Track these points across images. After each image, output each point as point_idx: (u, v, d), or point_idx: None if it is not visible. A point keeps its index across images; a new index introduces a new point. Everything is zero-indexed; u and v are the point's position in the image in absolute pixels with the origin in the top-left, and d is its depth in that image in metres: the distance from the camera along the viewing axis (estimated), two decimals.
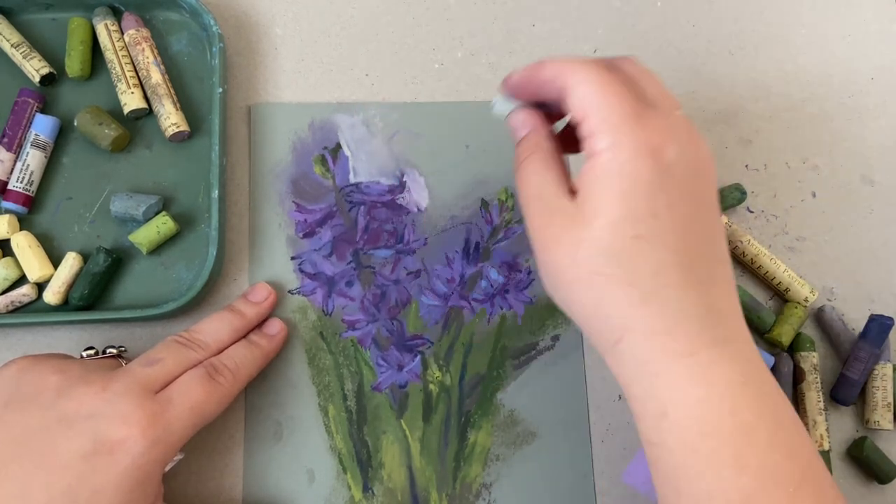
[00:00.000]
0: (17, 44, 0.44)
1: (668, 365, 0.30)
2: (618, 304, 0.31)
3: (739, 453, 0.29)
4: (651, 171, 0.30)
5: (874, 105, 0.50)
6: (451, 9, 0.49)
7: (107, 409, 0.34)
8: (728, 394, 0.30)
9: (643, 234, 0.30)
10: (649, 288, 0.30)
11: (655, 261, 0.30)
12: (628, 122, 0.31)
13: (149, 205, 0.42)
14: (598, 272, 0.31)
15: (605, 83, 0.31)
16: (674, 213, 0.31)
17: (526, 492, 0.42)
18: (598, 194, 0.31)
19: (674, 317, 0.30)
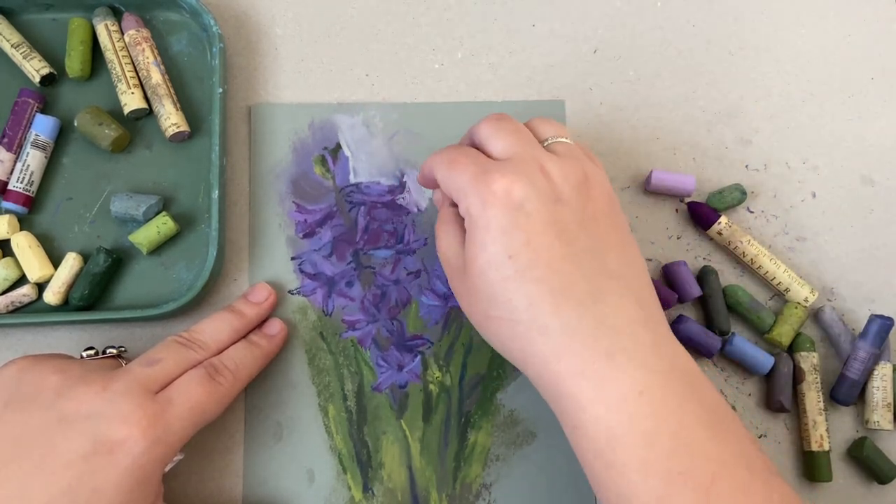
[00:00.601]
0: (17, 44, 0.44)
1: (565, 385, 0.33)
2: (510, 339, 0.34)
3: (643, 460, 0.31)
4: (500, 217, 0.33)
5: (874, 105, 0.50)
6: (452, 9, 0.49)
7: (107, 409, 0.34)
8: (623, 406, 0.32)
9: (508, 275, 0.33)
10: (528, 319, 0.33)
11: (525, 295, 0.33)
12: (472, 184, 0.34)
13: (149, 205, 0.42)
14: (488, 316, 0.34)
15: (451, 162, 0.36)
16: (533, 246, 0.33)
17: (526, 492, 0.42)
18: (469, 251, 0.35)
19: (558, 342, 0.33)
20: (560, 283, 0.33)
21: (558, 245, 0.33)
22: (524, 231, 0.33)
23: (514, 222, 0.33)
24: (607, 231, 0.35)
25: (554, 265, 0.33)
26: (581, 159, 0.36)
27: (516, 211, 0.33)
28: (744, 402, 0.44)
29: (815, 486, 0.43)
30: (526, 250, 0.33)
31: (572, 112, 0.48)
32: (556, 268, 0.33)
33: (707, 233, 0.46)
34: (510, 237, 0.33)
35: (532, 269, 0.33)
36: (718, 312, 0.44)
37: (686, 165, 0.47)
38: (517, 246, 0.33)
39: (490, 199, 0.34)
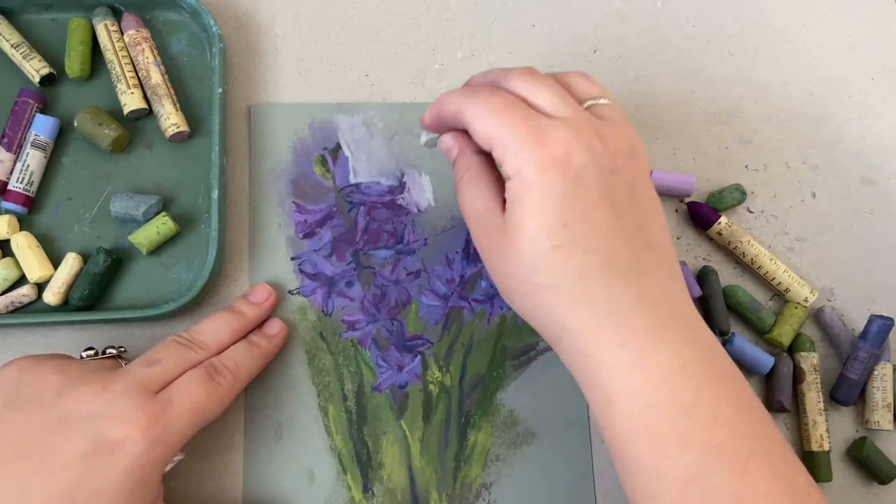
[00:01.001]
0: (16, 44, 0.44)
1: (604, 356, 0.32)
2: (550, 308, 0.33)
3: (682, 433, 0.31)
4: (559, 184, 0.32)
5: (874, 105, 0.50)
6: (452, 9, 0.49)
7: (106, 410, 0.34)
8: (665, 378, 0.31)
9: (560, 243, 0.32)
10: (575, 291, 0.32)
11: (576, 266, 0.32)
12: (526, 143, 0.32)
13: (149, 205, 0.42)
14: (528, 282, 0.33)
15: (496, 112, 0.33)
16: (588, 217, 0.33)
17: (526, 492, 0.42)
18: (516, 213, 0.33)
19: (603, 313, 0.32)
20: (610, 255, 0.33)
21: (613, 217, 0.33)
22: (581, 200, 0.32)
23: (573, 191, 0.32)
24: (649, 202, 0.35)
25: (606, 237, 0.33)
26: (629, 126, 0.35)
27: (576, 179, 0.32)
28: None
29: None
30: (582, 220, 0.32)
31: None
32: (607, 239, 0.33)
33: (707, 233, 0.46)
34: (569, 205, 0.32)
35: (586, 240, 0.32)
36: (718, 312, 0.44)
37: (686, 165, 0.47)
38: (574, 215, 0.32)
39: (549, 164, 0.32)
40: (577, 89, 0.36)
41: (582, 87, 0.36)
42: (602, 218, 0.33)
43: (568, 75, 0.37)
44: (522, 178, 0.33)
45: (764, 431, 0.32)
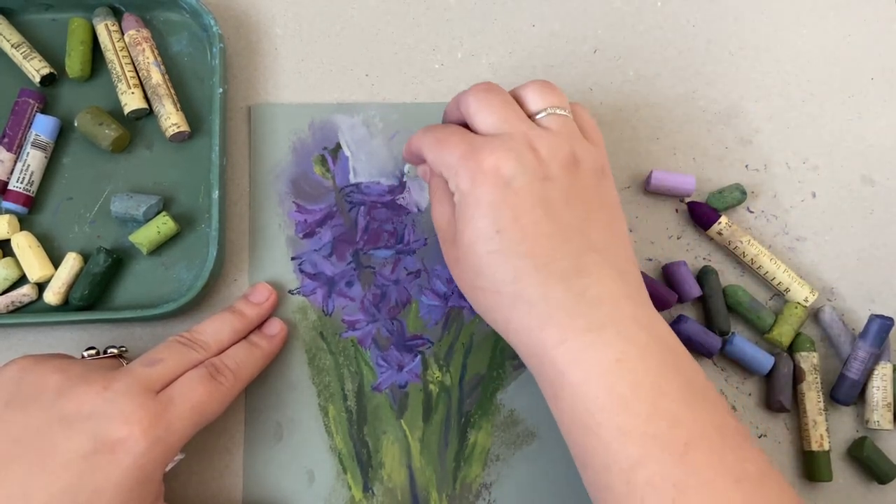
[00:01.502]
0: (17, 44, 0.44)
1: (547, 355, 0.34)
2: (494, 310, 0.36)
3: (621, 425, 0.32)
4: (489, 194, 0.34)
5: (874, 105, 0.50)
6: (452, 9, 0.49)
7: (108, 409, 0.34)
8: (603, 373, 0.33)
9: (494, 249, 0.34)
10: (513, 293, 0.34)
11: (511, 269, 0.34)
12: (460, 161, 0.35)
13: (149, 205, 0.42)
14: (473, 286, 0.36)
15: (440, 142, 0.37)
16: (520, 223, 0.34)
17: (526, 492, 0.42)
18: (458, 224, 0.36)
19: (542, 313, 0.34)
20: (545, 258, 0.34)
21: (545, 222, 0.34)
22: (512, 207, 0.34)
23: (503, 199, 0.34)
24: (593, 207, 0.36)
25: (540, 241, 0.34)
26: (571, 135, 0.36)
27: (505, 187, 0.34)
28: (744, 401, 0.44)
29: (815, 486, 0.43)
30: (513, 226, 0.34)
31: None
32: (541, 243, 0.34)
33: (707, 233, 0.46)
34: (498, 213, 0.34)
35: (519, 245, 0.34)
36: (718, 312, 0.44)
37: (686, 165, 0.47)
38: (505, 222, 0.34)
39: (479, 177, 0.35)
40: (528, 102, 0.38)
41: (533, 99, 0.38)
42: (535, 223, 0.34)
43: (523, 87, 0.38)
44: (460, 192, 0.35)
45: (712, 421, 0.32)
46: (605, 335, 0.33)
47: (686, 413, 0.32)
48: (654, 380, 0.33)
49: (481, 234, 0.34)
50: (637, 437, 0.32)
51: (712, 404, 0.33)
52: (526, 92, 0.38)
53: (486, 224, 0.34)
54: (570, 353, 0.33)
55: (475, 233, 0.35)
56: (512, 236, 0.34)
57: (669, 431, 0.32)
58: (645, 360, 0.33)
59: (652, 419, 0.32)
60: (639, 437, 0.32)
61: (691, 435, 0.32)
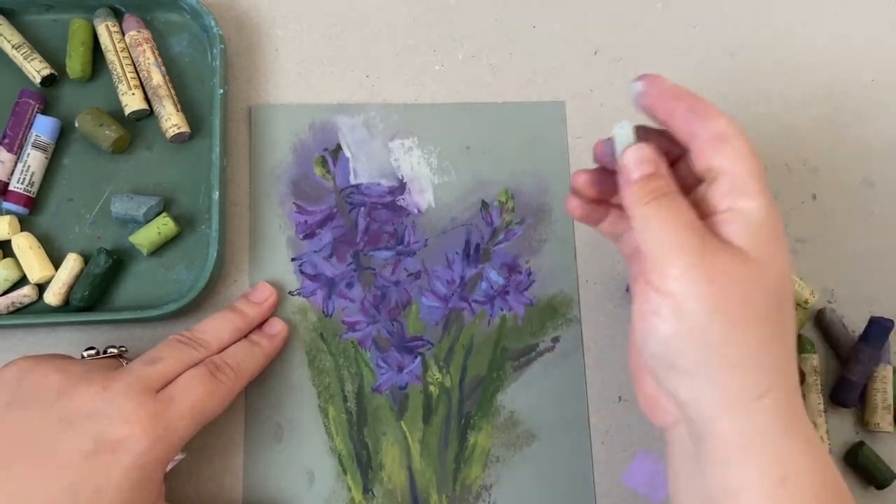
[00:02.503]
0: (18, 45, 0.44)
1: (796, 423, 0.30)
2: (776, 353, 0.30)
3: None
4: (785, 237, 0.31)
5: (875, 107, 0.50)
6: (452, 10, 0.49)
7: (108, 409, 0.34)
8: (827, 459, 0.31)
9: (790, 291, 0.32)
10: (789, 343, 0.31)
11: (793, 320, 0.32)
12: (765, 188, 0.31)
13: (149, 206, 0.42)
14: (768, 319, 0.30)
15: (751, 148, 0.31)
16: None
17: (526, 493, 0.42)
18: (768, 244, 0.31)
19: (795, 381, 0.31)
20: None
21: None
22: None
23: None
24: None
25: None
26: None
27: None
28: None
29: None
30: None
31: (573, 113, 0.48)
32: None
33: None
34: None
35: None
36: None
37: None
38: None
39: (779, 216, 0.32)
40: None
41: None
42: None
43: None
44: (771, 217, 0.31)
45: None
46: (810, 428, 0.31)
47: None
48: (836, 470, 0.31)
49: (788, 270, 0.31)
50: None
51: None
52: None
53: (787, 260, 0.31)
54: (808, 429, 0.31)
55: (787, 265, 0.31)
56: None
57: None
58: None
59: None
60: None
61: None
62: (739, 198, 0.31)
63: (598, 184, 0.35)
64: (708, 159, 0.31)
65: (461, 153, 0.46)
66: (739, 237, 0.30)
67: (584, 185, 0.35)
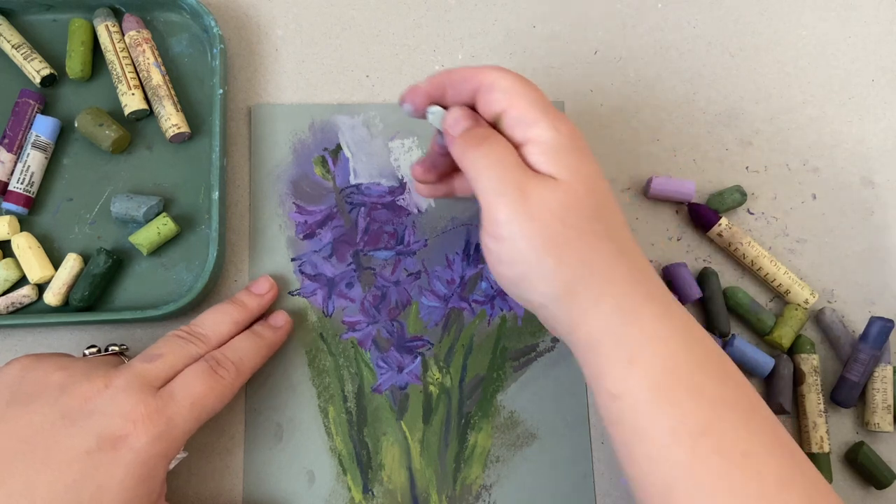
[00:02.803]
0: (17, 45, 0.44)
1: (638, 309, 0.33)
2: (604, 256, 0.34)
3: (698, 385, 0.32)
4: (584, 140, 0.35)
5: (875, 107, 0.50)
6: (452, 10, 0.49)
7: (110, 406, 0.34)
8: (682, 333, 0.33)
9: (607, 193, 0.35)
10: (620, 240, 0.34)
11: (619, 217, 0.35)
12: (550, 107, 0.35)
13: (149, 206, 0.42)
14: (587, 230, 0.33)
15: (522, 79, 0.35)
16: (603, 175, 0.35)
17: (526, 493, 0.42)
18: (566, 161, 0.34)
19: (637, 268, 0.34)
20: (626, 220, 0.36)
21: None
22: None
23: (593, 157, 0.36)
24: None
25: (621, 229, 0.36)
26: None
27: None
28: None
29: None
30: (607, 182, 0.36)
31: (573, 113, 0.48)
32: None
33: (707, 234, 0.46)
34: (597, 166, 0.35)
35: (614, 199, 0.35)
36: (718, 314, 0.44)
37: (686, 167, 0.47)
38: (601, 172, 0.36)
39: (572, 127, 0.35)
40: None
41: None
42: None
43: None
44: (561, 133, 0.34)
45: (757, 394, 0.33)
46: (674, 302, 0.34)
47: (743, 379, 0.33)
48: (715, 345, 0.34)
49: (597, 176, 0.34)
50: (709, 397, 0.31)
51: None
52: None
53: (597, 168, 0.35)
54: (660, 307, 0.33)
55: (593, 175, 0.34)
56: (609, 186, 0.35)
57: (737, 394, 0.32)
58: (705, 331, 0.34)
59: (722, 380, 0.32)
60: (711, 397, 0.31)
61: (751, 398, 0.32)
62: (528, 128, 0.34)
63: (434, 167, 0.40)
64: (490, 110, 0.35)
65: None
66: (543, 164, 0.34)
67: (422, 173, 0.40)
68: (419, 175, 0.40)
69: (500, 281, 0.35)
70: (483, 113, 0.36)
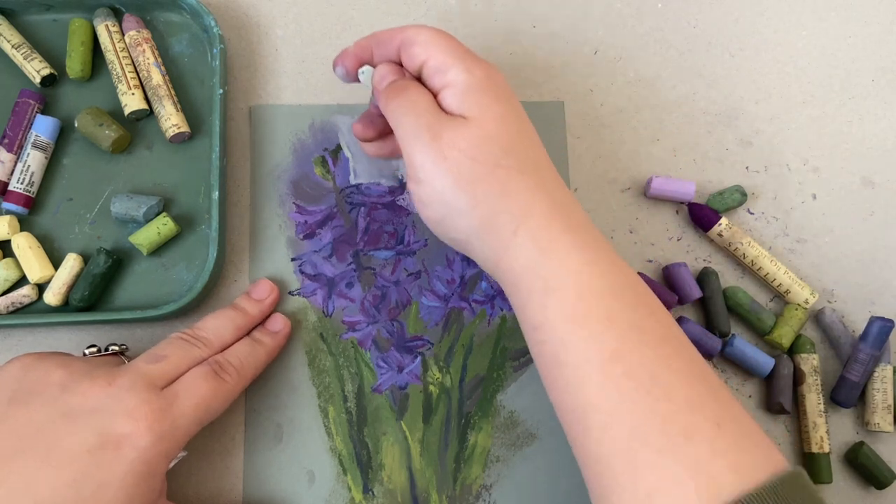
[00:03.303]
0: (17, 45, 0.44)
1: (555, 240, 0.34)
2: (519, 191, 0.35)
3: (609, 311, 0.33)
4: (502, 83, 0.37)
5: (875, 107, 0.50)
6: (452, 10, 0.49)
7: (112, 404, 0.34)
8: (597, 261, 0.34)
9: (522, 129, 0.36)
10: (536, 175, 0.35)
11: (534, 152, 0.36)
12: (467, 53, 0.37)
13: (149, 206, 0.42)
14: (499, 164, 0.35)
15: (439, 31, 0.37)
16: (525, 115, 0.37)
17: (526, 493, 0.42)
18: (477, 101, 0.35)
19: (555, 201, 0.35)
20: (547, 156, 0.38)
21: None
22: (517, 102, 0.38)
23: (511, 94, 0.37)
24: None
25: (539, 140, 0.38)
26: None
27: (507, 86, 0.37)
28: (744, 403, 0.44)
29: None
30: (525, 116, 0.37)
31: (572, 113, 0.48)
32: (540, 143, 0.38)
33: (707, 234, 0.46)
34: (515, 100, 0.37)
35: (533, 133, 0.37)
36: (718, 314, 0.44)
37: (686, 167, 0.47)
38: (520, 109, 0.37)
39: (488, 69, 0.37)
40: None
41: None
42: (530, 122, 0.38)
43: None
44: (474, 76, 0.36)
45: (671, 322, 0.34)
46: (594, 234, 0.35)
47: (658, 308, 0.34)
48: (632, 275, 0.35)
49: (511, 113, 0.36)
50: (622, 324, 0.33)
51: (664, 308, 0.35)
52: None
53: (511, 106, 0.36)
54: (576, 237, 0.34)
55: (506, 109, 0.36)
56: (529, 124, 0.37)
57: (650, 322, 0.33)
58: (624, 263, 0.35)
59: (635, 309, 0.33)
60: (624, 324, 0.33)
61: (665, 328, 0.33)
62: (445, 74, 0.36)
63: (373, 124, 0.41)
64: (412, 64, 0.37)
65: None
66: (455, 105, 0.36)
67: (362, 130, 0.41)
68: (359, 132, 0.41)
69: (428, 224, 0.37)
70: (407, 67, 0.38)
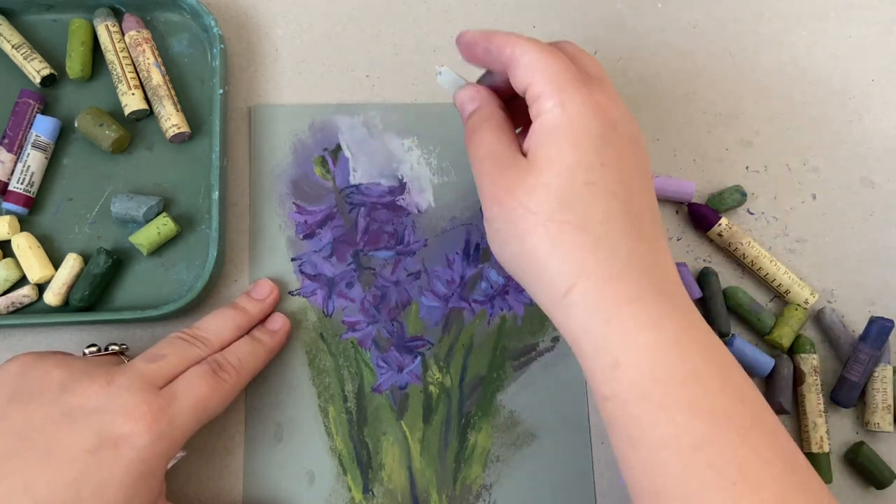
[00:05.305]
0: (17, 45, 0.44)
1: (618, 310, 0.32)
2: (572, 248, 0.32)
3: (691, 397, 0.30)
4: (598, 125, 0.33)
5: (875, 106, 0.50)
6: (452, 10, 0.49)
7: (111, 404, 0.34)
8: (676, 339, 0.31)
9: (594, 180, 0.33)
10: (600, 233, 0.32)
11: (605, 208, 0.33)
12: (573, 83, 0.33)
13: (149, 206, 0.42)
14: (553, 218, 0.32)
15: (549, 53, 0.34)
16: (620, 164, 0.33)
17: (526, 493, 0.42)
18: (550, 144, 0.33)
19: (623, 263, 0.32)
20: (633, 210, 0.33)
21: (637, 176, 0.34)
22: (614, 148, 0.33)
23: (608, 136, 0.33)
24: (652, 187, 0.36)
25: (632, 192, 0.33)
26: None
27: (612, 127, 0.34)
28: None
29: None
30: (615, 164, 0.33)
31: None
32: (632, 194, 0.33)
33: (707, 234, 0.46)
34: (603, 147, 0.33)
35: (616, 184, 0.33)
36: (718, 314, 0.44)
37: (686, 167, 0.47)
38: (608, 157, 0.33)
39: (590, 105, 0.33)
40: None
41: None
42: (629, 171, 0.34)
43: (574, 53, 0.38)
44: (565, 112, 0.33)
45: (760, 404, 0.32)
46: (675, 303, 0.32)
47: (748, 390, 0.31)
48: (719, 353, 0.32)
49: (583, 161, 0.33)
50: (706, 411, 0.30)
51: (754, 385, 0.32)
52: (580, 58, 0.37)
53: (593, 154, 0.33)
54: (644, 311, 0.31)
55: (578, 159, 0.33)
56: (612, 174, 0.33)
57: (736, 408, 0.30)
58: (708, 335, 0.32)
59: (721, 394, 0.30)
60: (707, 412, 0.30)
61: (754, 412, 0.30)
62: (538, 106, 0.34)
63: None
64: (517, 85, 0.35)
65: (461, 153, 0.46)
66: (528, 144, 0.34)
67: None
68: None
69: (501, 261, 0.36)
70: (514, 86, 0.35)
